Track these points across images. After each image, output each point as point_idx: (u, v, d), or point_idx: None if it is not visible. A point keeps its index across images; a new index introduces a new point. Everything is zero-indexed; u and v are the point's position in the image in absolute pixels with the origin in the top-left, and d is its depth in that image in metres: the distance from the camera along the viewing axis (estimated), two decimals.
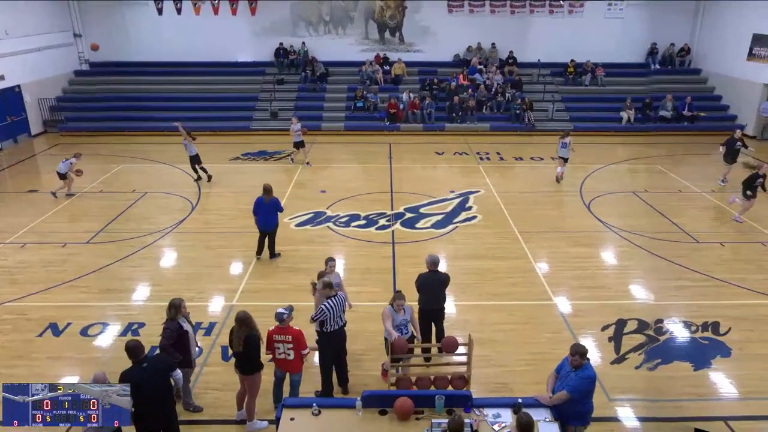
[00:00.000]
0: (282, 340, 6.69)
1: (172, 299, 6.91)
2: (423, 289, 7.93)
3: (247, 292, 10.30)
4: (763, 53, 20.53)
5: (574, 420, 5.91)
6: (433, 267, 7.95)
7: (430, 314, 8.02)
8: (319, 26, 25.00)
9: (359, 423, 5.89)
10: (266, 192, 11.07)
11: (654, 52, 24.81)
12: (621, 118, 22.29)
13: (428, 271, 7.96)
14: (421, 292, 7.96)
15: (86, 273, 11.00)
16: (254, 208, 11.19)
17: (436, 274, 7.97)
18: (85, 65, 24.81)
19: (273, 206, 11.15)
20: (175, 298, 6.93)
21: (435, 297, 7.97)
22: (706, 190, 15.64)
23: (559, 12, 24.45)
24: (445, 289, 8.03)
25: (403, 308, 7.31)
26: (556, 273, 11.03)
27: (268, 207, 11.09)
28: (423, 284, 7.92)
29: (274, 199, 11.18)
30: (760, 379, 7.95)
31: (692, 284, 10.59)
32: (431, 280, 7.92)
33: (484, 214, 13.97)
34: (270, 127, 22.24)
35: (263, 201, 11.05)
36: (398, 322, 7.24)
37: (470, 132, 22.03)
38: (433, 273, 7.95)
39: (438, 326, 8.16)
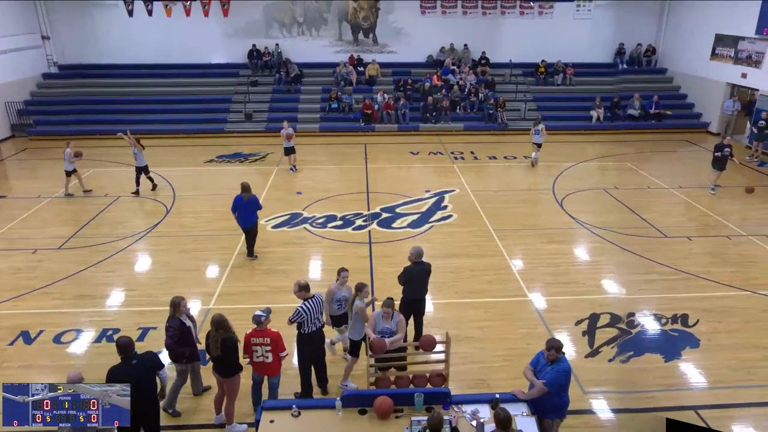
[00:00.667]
0: (260, 343, 6.67)
1: (172, 298, 7.03)
2: (411, 281, 8.11)
3: (224, 295, 10.24)
4: (725, 53, 21.15)
5: (550, 413, 6.04)
6: (418, 258, 8.15)
7: (414, 304, 8.25)
8: (292, 27, 24.92)
9: (339, 423, 5.92)
10: (245, 190, 11.09)
11: (621, 52, 25.36)
12: (591, 117, 22.73)
13: (414, 263, 8.16)
14: (409, 284, 8.14)
15: (58, 279, 10.80)
16: (233, 207, 11.19)
17: (422, 265, 8.19)
18: (54, 68, 24.26)
19: (252, 204, 11.19)
20: (175, 297, 7.05)
21: (420, 287, 8.22)
22: (674, 186, 16.05)
23: (529, 13, 24.81)
24: (428, 278, 8.27)
25: (392, 316, 7.25)
26: (531, 269, 11.22)
27: (247, 204, 11.12)
28: (411, 276, 8.10)
29: (253, 197, 11.22)
30: (727, 369, 8.22)
31: (662, 278, 10.87)
32: (418, 270, 8.13)
33: (459, 212, 14.12)
34: (244, 129, 22.10)
35: (242, 199, 11.06)
36: (380, 329, 7.22)
37: (444, 132, 22.22)
38: (419, 264, 8.16)
39: (418, 320, 8.40)
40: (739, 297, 10.15)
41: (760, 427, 7.09)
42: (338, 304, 7.90)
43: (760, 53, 19.31)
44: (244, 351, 6.76)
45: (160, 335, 8.89)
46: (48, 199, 14.93)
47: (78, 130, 21.57)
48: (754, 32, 19.43)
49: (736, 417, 7.29)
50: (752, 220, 13.57)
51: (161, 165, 15.76)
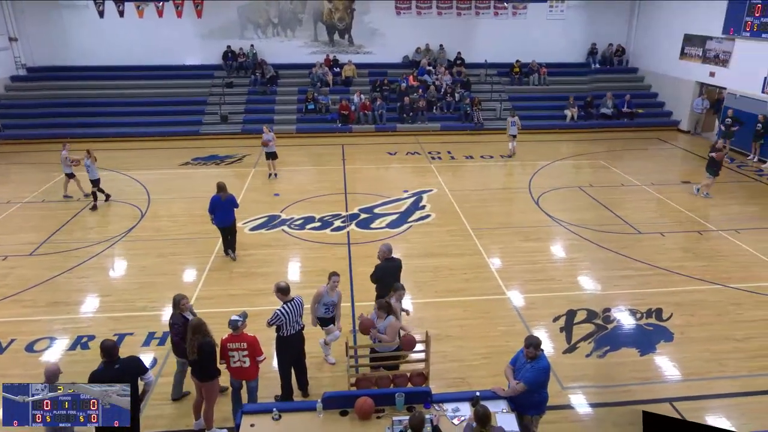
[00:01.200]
0: (236, 348, 6.58)
1: (174, 296, 7.08)
2: (383, 278, 8.21)
3: (202, 299, 10.12)
4: (693, 52, 21.63)
5: (530, 410, 6.11)
6: (388, 255, 8.33)
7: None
8: (267, 28, 24.75)
9: (321, 425, 5.91)
10: (221, 190, 11.05)
11: (594, 52, 25.76)
12: (565, 116, 23.06)
13: (384, 260, 8.30)
14: (381, 281, 8.24)
15: (30, 286, 10.56)
16: (210, 207, 11.10)
17: (392, 261, 8.38)
18: (23, 70, 23.68)
19: (229, 203, 11.17)
20: (176, 295, 7.09)
21: (393, 283, 8.22)
22: (646, 183, 16.36)
23: (503, 14, 25.05)
24: (400, 273, 8.43)
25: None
26: (509, 267, 11.33)
27: (225, 204, 11.08)
28: (383, 274, 8.22)
29: (230, 196, 11.20)
30: (700, 361, 8.41)
31: (636, 273, 11.08)
32: (389, 267, 8.29)
33: (437, 212, 14.19)
34: (220, 131, 21.88)
35: (219, 199, 11.00)
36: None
37: (421, 132, 22.30)
38: (389, 260, 8.34)
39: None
40: (711, 291, 10.40)
41: (733, 417, 7.27)
42: (326, 307, 7.83)
43: (727, 53, 19.80)
44: (221, 357, 6.68)
45: (137, 341, 8.83)
46: (18, 205, 14.58)
47: (48, 134, 21.13)
48: (720, 32, 19.91)
49: (709, 408, 7.47)
50: (721, 216, 13.90)
51: (135, 168, 15.52)
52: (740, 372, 8.15)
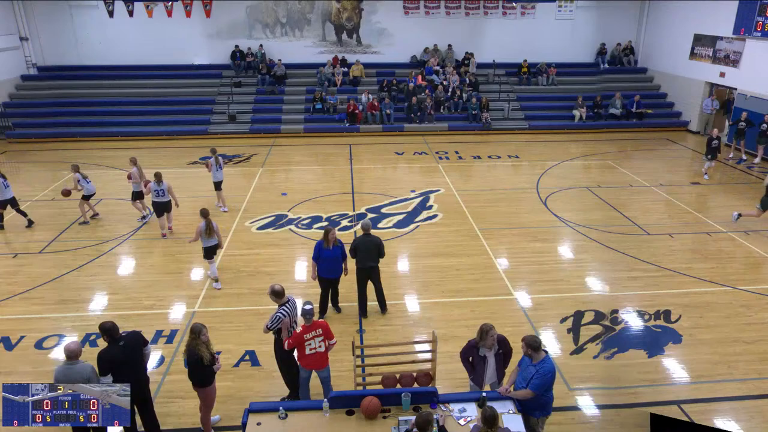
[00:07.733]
0: (313, 336, 6.72)
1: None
2: (359, 249, 9.07)
3: (209, 297, 10.16)
4: (703, 52, 21.47)
5: (536, 411, 6.09)
6: (366, 230, 9.18)
7: (366, 272, 9.20)
8: (275, 28, 24.81)
9: (327, 424, 5.91)
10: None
11: (603, 51, 25.62)
12: (573, 116, 22.95)
13: (363, 234, 9.17)
14: (358, 252, 9.08)
15: (40, 284, 10.65)
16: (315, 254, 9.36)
17: (369, 236, 9.14)
18: (33, 69, 23.88)
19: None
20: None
21: (369, 256, 9.09)
22: (655, 184, 16.27)
23: (511, 14, 24.98)
24: (377, 250, 9.13)
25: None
26: (516, 268, 11.30)
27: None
28: (359, 245, 9.09)
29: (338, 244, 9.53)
30: (709, 363, 8.35)
31: (644, 275, 11.01)
32: (365, 241, 9.09)
33: (444, 212, 14.17)
34: (228, 131, 21.96)
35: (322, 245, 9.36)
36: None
37: (429, 132, 22.28)
38: (366, 236, 9.14)
39: (377, 286, 9.37)
40: (719, 293, 10.32)
41: (742, 420, 7.21)
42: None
43: (737, 53, 19.64)
44: (297, 350, 6.79)
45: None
46: (28, 203, 14.68)
47: (58, 133, 21.33)
48: (731, 32, 19.75)
49: (718, 411, 7.41)
50: (731, 217, 13.77)
51: (144, 167, 15.54)
52: (749, 375, 8.08)
